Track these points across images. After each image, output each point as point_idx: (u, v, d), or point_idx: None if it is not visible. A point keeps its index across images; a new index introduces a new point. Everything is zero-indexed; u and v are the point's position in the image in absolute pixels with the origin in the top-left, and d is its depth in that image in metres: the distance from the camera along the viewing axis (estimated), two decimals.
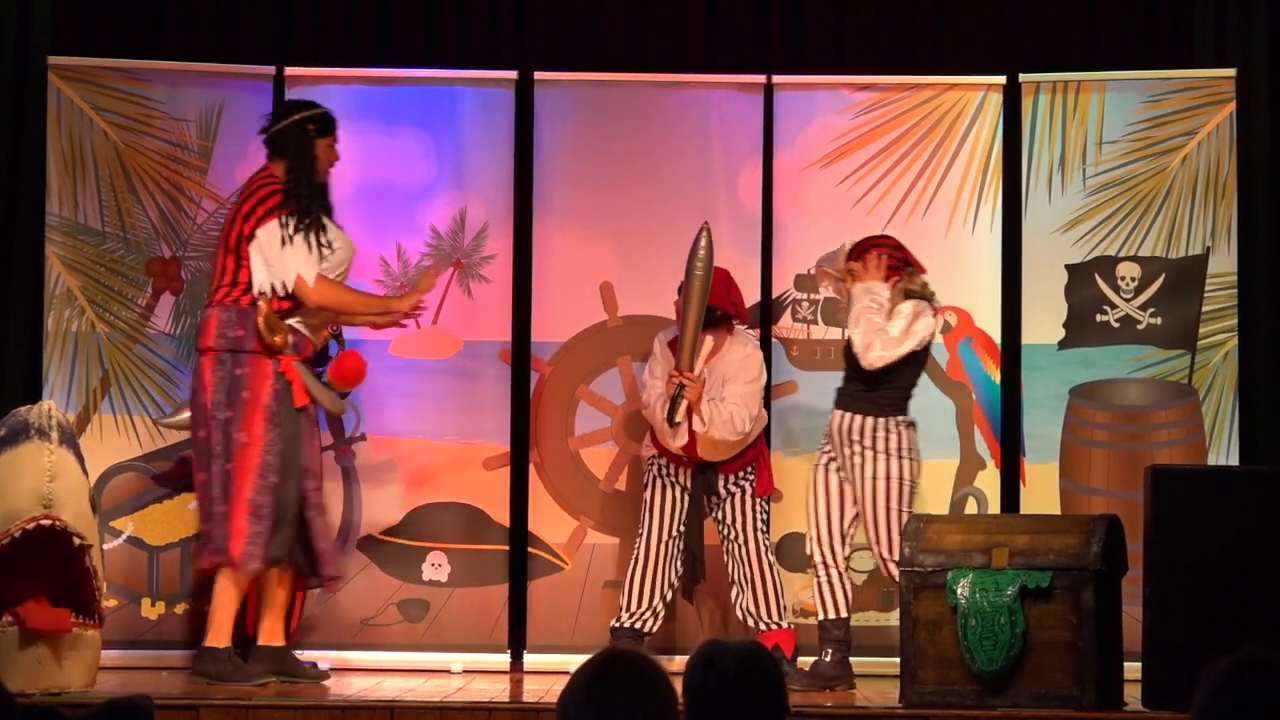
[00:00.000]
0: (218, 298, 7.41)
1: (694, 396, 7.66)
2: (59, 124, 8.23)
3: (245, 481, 7.26)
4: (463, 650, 8.21)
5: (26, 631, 6.82)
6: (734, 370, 7.79)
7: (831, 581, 7.56)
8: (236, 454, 7.28)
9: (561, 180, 8.49)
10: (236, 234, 7.40)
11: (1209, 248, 8.31)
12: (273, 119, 7.64)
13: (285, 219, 7.37)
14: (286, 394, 7.33)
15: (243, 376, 7.31)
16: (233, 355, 7.33)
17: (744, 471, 7.86)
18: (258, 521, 7.25)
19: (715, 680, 3.22)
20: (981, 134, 8.45)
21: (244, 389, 7.31)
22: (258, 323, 7.29)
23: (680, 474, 7.85)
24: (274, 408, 7.31)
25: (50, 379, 8.18)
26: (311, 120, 7.59)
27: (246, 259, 7.36)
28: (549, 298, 8.45)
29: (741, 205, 8.45)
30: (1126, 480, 8.09)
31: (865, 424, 7.49)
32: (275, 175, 7.49)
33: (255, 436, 7.28)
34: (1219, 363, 8.27)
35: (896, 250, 7.60)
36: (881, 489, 7.47)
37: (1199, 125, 8.34)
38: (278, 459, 7.30)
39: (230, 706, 6.60)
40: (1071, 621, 6.69)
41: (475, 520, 8.35)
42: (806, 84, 8.57)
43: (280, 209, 7.38)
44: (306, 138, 7.53)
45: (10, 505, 6.83)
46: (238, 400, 7.31)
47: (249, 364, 7.33)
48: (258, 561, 7.26)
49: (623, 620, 7.86)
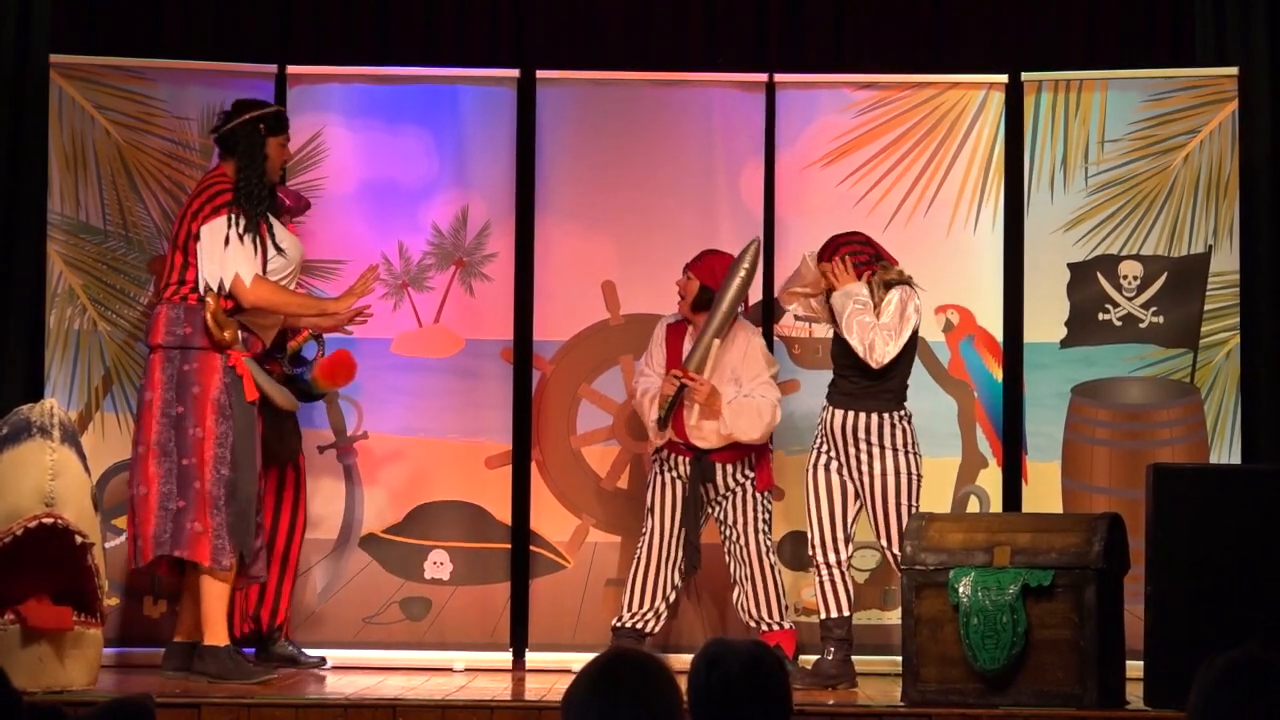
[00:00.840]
0: (166, 295, 7.41)
1: (703, 399, 7.67)
2: (60, 122, 8.23)
3: (204, 475, 7.26)
4: (465, 648, 8.21)
5: (28, 630, 6.82)
6: (740, 359, 7.80)
7: (833, 580, 7.56)
8: (193, 449, 7.27)
9: (563, 179, 8.49)
10: (185, 233, 7.41)
11: (1211, 246, 8.31)
12: (225, 118, 7.61)
13: (233, 218, 7.35)
14: (236, 388, 7.33)
15: (191, 372, 7.31)
16: (181, 352, 7.32)
17: (743, 464, 7.85)
18: (217, 514, 7.23)
19: (719, 681, 3.22)
20: (983, 133, 8.45)
21: (194, 384, 7.30)
22: (205, 319, 7.29)
23: (681, 464, 7.86)
24: (224, 401, 7.30)
25: (52, 377, 8.18)
26: (263, 119, 7.57)
27: (194, 257, 7.36)
28: (551, 296, 8.45)
29: (743, 204, 8.45)
30: (1128, 479, 8.09)
31: (870, 421, 7.49)
32: (226, 174, 7.48)
33: (208, 430, 7.28)
34: (1221, 361, 8.27)
35: (865, 245, 7.61)
36: (891, 485, 7.48)
37: (1201, 124, 8.34)
38: (230, 451, 7.29)
39: (231, 705, 6.59)
40: (1073, 620, 6.69)
41: (477, 519, 8.35)
42: (808, 83, 8.57)
43: (228, 207, 7.37)
44: (258, 136, 7.51)
45: (12, 504, 6.83)
46: (188, 396, 7.30)
47: (197, 360, 7.32)
48: (228, 555, 7.25)
49: (624, 620, 7.86)
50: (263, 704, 6.62)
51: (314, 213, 8.26)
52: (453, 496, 8.33)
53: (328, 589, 8.27)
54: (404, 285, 8.32)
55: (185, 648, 7.40)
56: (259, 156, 7.48)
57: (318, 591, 8.29)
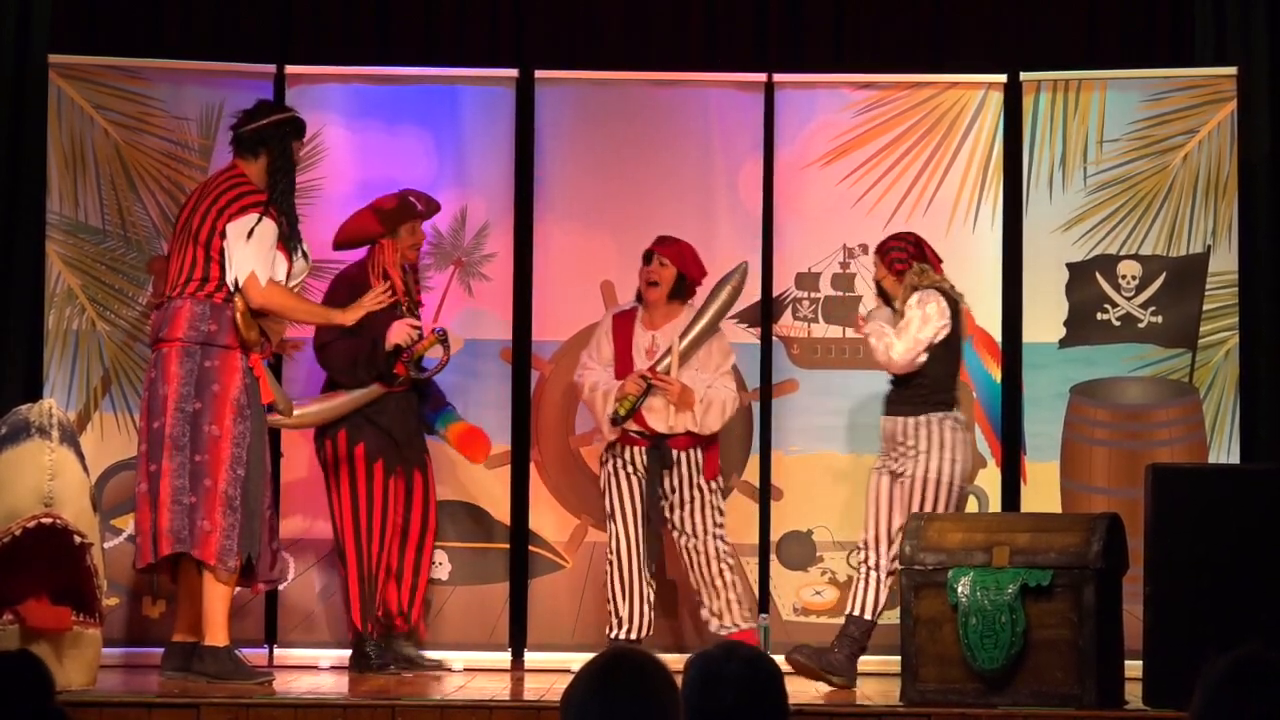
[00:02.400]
0: (189, 290, 7.32)
1: (675, 399, 7.69)
2: (59, 122, 8.23)
3: (218, 474, 7.23)
4: (463, 648, 8.20)
5: (27, 630, 6.82)
6: (705, 354, 7.81)
7: (871, 582, 7.50)
8: (208, 446, 7.25)
9: (562, 179, 8.49)
10: (209, 229, 7.31)
11: (1210, 246, 8.31)
12: (248, 116, 7.57)
13: (262, 218, 7.31)
14: (254, 390, 7.32)
15: (212, 369, 7.28)
16: (202, 348, 7.29)
17: (697, 449, 7.83)
18: (230, 514, 7.21)
19: (714, 705, 3.20)
20: (982, 133, 8.45)
21: (214, 382, 7.27)
22: (235, 317, 7.27)
23: (636, 455, 7.82)
24: (243, 402, 7.29)
25: (51, 377, 8.18)
26: (289, 122, 7.56)
27: (218, 254, 7.32)
28: (550, 296, 8.45)
29: (742, 203, 8.45)
30: (1127, 478, 8.09)
31: (906, 425, 7.45)
32: (245, 174, 7.45)
33: (225, 429, 7.26)
34: (1220, 361, 8.27)
35: (907, 246, 7.57)
36: (919, 490, 7.44)
37: (1200, 124, 8.34)
38: (246, 452, 7.28)
39: (230, 705, 6.59)
40: (1072, 620, 6.69)
41: (476, 519, 8.35)
42: (807, 82, 8.57)
43: (257, 207, 7.33)
44: (286, 139, 7.52)
45: (11, 504, 6.83)
46: (207, 393, 7.26)
47: (219, 358, 7.29)
48: (235, 557, 7.23)
49: (618, 634, 7.81)
50: (261, 704, 6.62)
51: (313, 213, 8.26)
52: (451, 496, 8.33)
53: (327, 589, 8.27)
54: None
55: (185, 647, 7.39)
56: (289, 158, 7.47)
57: (317, 591, 8.29)
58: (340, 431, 7.83)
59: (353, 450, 7.81)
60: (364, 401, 7.81)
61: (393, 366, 7.79)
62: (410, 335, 7.81)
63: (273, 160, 7.43)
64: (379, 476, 7.80)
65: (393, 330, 7.78)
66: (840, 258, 8.43)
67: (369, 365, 7.79)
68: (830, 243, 8.43)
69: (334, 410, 7.82)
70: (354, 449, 7.81)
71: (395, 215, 7.91)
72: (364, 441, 7.81)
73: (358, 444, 7.81)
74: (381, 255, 7.89)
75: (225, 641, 7.32)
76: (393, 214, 7.91)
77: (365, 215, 7.94)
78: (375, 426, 7.82)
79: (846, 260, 8.43)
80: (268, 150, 7.43)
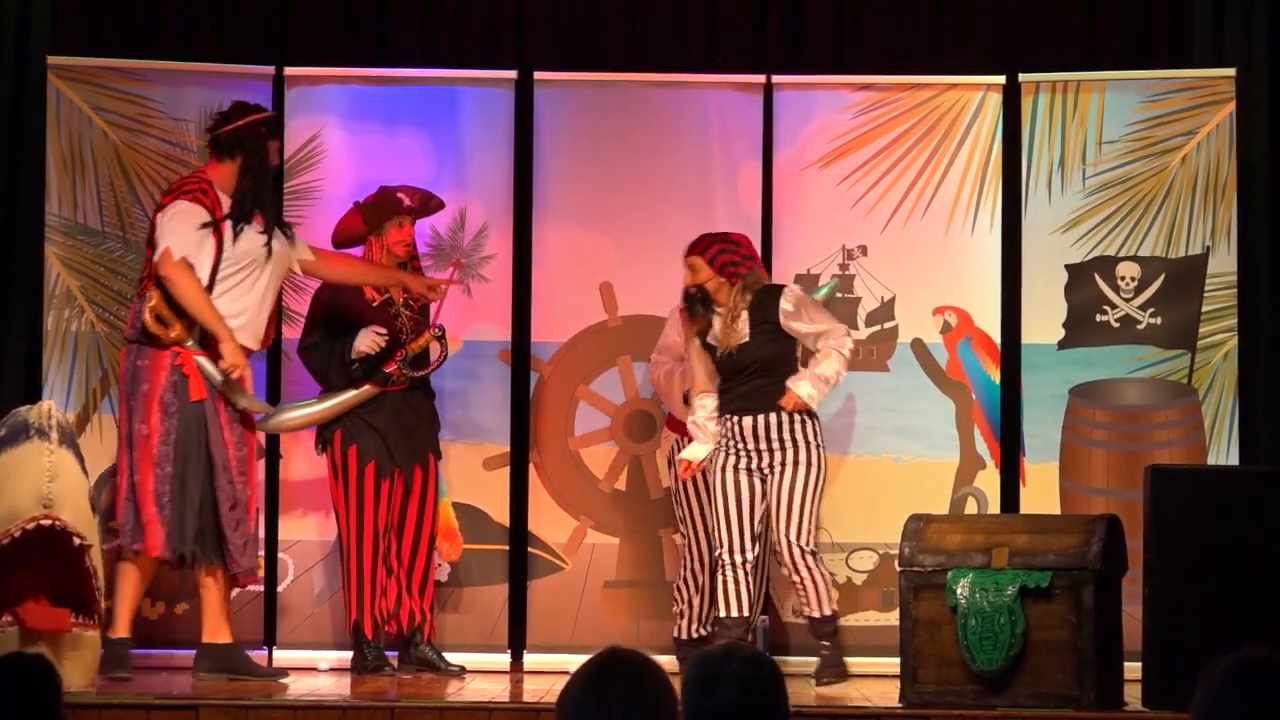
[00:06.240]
0: (139, 291, 7.51)
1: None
2: (58, 124, 8.23)
3: (146, 472, 7.34)
4: (463, 650, 8.19)
5: (26, 631, 6.82)
6: None
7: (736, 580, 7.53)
8: (138, 445, 7.34)
9: (561, 180, 8.49)
10: (151, 227, 7.51)
11: (1209, 247, 8.31)
12: (223, 119, 7.59)
13: (179, 199, 7.38)
14: (183, 386, 7.36)
15: (142, 368, 7.40)
16: (137, 347, 7.41)
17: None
18: (160, 511, 7.31)
19: (712, 710, 3.20)
20: (981, 134, 8.45)
21: (143, 381, 7.38)
22: (144, 314, 7.33)
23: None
24: (168, 398, 7.35)
25: (50, 379, 8.18)
26: (264, 123, 7.58)
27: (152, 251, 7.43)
28: (549, 298, 8.45)
29: (741, 205, 8.45)
30: (1126, 480, 8.09)
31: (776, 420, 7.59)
32: (201, 174, 7.50)
33: (152, 427, 7.35)
34: (1219, 362, 8.27)
35: (744, 246, 7.69)
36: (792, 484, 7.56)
37: (1199, 125, 8.34)
38: (173, 449, 7.34)
39: (230, 706, 6.59)
40: (1071, 621, 6.69)
41: (475, 520, 8.35)
42: (806, 84, 8.57)
43: (186, 195, 7.39)
44: (262, 140, 7.53)
45: (10, 505, 6.83)
46: (138, 391, 7.39)
47: (149, 356, 7.40)
48: (167, 551, 7.32)
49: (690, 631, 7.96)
50: (260, 705, 6.62)
51: (313, 214, 8.26)
52: (451, 498, 8.32)
53: (327, 590, 8.26)
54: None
55: (216, 649, 7.48)
56: (264, 158, 7.49)
57: (315, 593, 8.28)
58: (336, 433, 7.83)
59: (346, 452, 7.81)
60: (358, 402, 7.80)
61: (377, 369, 7.76)
62: (376, 344, 7.77)
63: (246, 160, 7.46)
64: (370, 479, 7.79)
65: (359, 339, 7.76)
66: (839, 259, 8.43)
67: (340, 370, 7.79)
68: (829, 244, 8.43)
69: (327, 412, 7.81)
70: (348, 451, 7.81)
71: (376, 211, 7.90)
72: (358, 444, 7.81)
73: (351, 446, 7.81)
74: (370, 254, 7.91)
75: (227, 639, 7.39)
76: (373, 210, 7.90)
77: (351, 213, 7.96)
78: (369, 428, 7.81)
79: (846, 262, 8.42)
80: (243, 151, 7.47)
